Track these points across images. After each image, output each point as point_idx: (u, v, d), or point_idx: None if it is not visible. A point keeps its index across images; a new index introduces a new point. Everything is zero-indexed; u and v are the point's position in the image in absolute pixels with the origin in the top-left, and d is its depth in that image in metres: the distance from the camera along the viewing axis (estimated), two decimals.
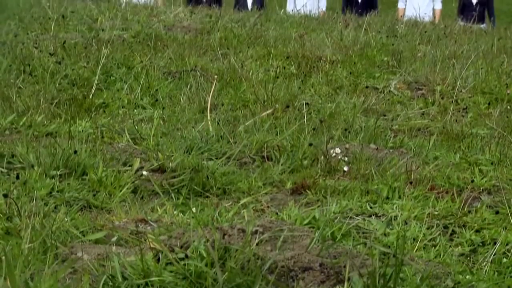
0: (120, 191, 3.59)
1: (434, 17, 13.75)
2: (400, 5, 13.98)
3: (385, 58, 6.85)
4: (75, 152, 3.81)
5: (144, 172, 3.81)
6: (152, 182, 3.70)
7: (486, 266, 2.96)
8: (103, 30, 7.02)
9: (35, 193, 3.42)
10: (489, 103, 5.77)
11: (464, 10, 13.76)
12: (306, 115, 4.84)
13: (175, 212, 3.36)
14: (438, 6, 13.78)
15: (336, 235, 3.12)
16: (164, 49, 6.57)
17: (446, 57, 6.93)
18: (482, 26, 13.44)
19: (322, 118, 4.98)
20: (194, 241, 2.64)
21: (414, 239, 3.20)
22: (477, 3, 13.62)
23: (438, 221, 3.43)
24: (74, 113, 4.86)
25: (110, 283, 2.48)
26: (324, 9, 13.96)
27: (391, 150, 4.51)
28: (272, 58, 6.58)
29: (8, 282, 2.33)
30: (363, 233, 3.29)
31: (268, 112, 4.93)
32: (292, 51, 6.79)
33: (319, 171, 4.05)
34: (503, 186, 3.94)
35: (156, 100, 5.31)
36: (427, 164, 4.28)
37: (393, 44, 7.43)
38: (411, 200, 3.67)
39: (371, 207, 3.59)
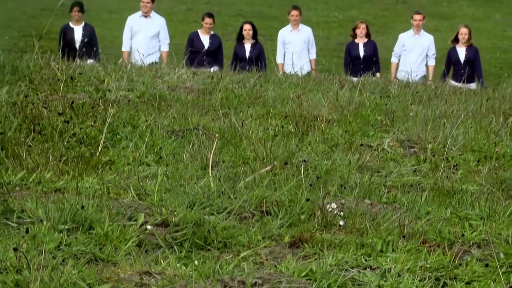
0: (126, 244, 3.60)
1: (428, 73, 13.74)
2: (393, 59, 13.96)
3: (379, 118, 6.86)
4: (83, 207, 3.83)
5: (149, 227, 3.82)
6: (156, 236, 3.71)
7: None
8: (109, 90, 7.02)
9: (44, 246, 3.43)
10: (478, 161, 5.79)
11: (452, 69, 13.63)
12: (304, 171, 4.85)
13: (178, 265, 3.37)
14: (432, 62, 13.78)
15: (333, 287, 3.13)
16: (168, 109, 6.58)
17: (437, 117, 6.95)
18: (471, 86, 13.26)
19: (318, 175, 4.98)
20: None
21: None
22: (465, 62, 13.46)
23: (430, 274, 3.44)
24: (82, 170, 4.85)
25: None
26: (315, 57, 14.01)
27: (384, 205, 4.52)
28: (271, 118, 6.59)
29: None
30: (358, 285, 3.30)
31: (267, 168, 4.94)
32: (290, 110, 6.80)
33: (316, 225, 4.06)
34: (492, 240, 3.96)
35: (160, 158, 5.31)
36: (419, 218, 4.30)
37: (386, 104, 7.45)
38: (404, 253, 3.68)
39: (366, 260, 3.60)
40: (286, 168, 5.10)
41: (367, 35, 13.74)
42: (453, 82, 13.25)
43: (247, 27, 13.56)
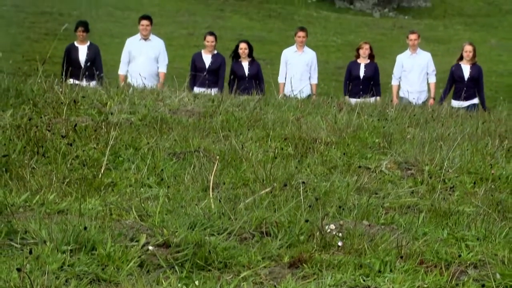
0: (127, 265, 3.60)
1: (430, 90, 13.50)
2: (394, 82, 13.70)
3: (377, 140, 6.87)
4: (85, 228, 3.84)
5: (150, 247, 3.83)
6: (157, 257, 3.72)
7: None
8: (112, 113, 7.03)
9: (47, 267, 3.44)
10: (474, 183, 5.79)
11: (454, 87, 13.28)
12: (303, 193, 4.86)
13: (179, 285, 3.38)
14: (432, 80, 13.55)
15: None
16: (169, 132, 6.59)
17: (434, 139, 6.96)
18: (473, 101, 13.06)
19: (317, 196, 4.99)
20: None
21: None
22: (468, 79, 13.15)
23: None
24: (84, 192, 4.86)
25: None
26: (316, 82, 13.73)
27: (382, 226, 4.53)
28: (270, 140, 6.59)
29: None
30: None
31: (266, 190, 4.94)
32: (290, 133, 6.81)
33: (315, 246, 4.06)
34: (489, 260, 3.97)
35: (162, 180, 5.32)
36: (417, 239, 4.30)
37: (384, 127, 7.45)
38: (401, 273, 3.69)
39: (364, 280, 3.61)
40: (285, 189, 5.10)
41: (370, 56, 13.49)
42: (454, 102, 13.09)
43: (243, 45, 13.40)
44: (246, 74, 13.29)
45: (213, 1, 32.79)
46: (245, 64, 13.33)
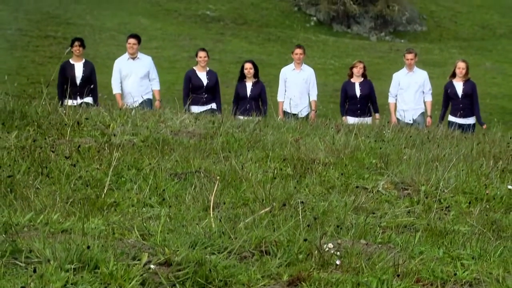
0: (130, 283, 3.60)
1: (426, 109, 13.28)
2: (391, 100, 13.49)
3: (374, 161, 6.88)
4: (88, 247, 3.84)
5: (152, 266, 3.83)
6: (159, 275, 3.72)
7: None
8: (114, 135, 7.04)
9: (51, 285, 3.44)
10: (469, 202, 5.80)
11: (451, 104, 13.09)
12: (301, 212, 4.87)
13: None
14: (429, 98, 13.31)
15: None
16: (171, 153, 6.59)
17: (430, 160, 6.97)
18: (470, 122, 12.90)
19: (316, 216, 4.99)
20: None
21: None
22: (463, 96, 12.97)
23: None
24: (88, 212, 4.86)
25: None
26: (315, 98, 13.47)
27: (379, 245, 4.53)
28: (270, 161, 6.60)
29: None
30: None
31: (266, 210, 4.95)
32: (289, 154, 6.81)
33: (314, 265, 4.06)
34: (483, 279, 3.97)
35: (163, 199, 5.32)
36: (413, 258, 4.30)
37: (380, 148, 7.46)
38: None
39: None
40: (284, 209, 5.11)
41: (363, 75, 13.34)
42: (452, 117, 12.99)
43: (248, 65, 13.22)
44: (248, 94, 13.11)
45: (213, 25, 32.97)
46: (249, 85, 13.15)
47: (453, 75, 13.06)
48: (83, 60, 13.04)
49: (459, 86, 12.96)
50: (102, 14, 32.70)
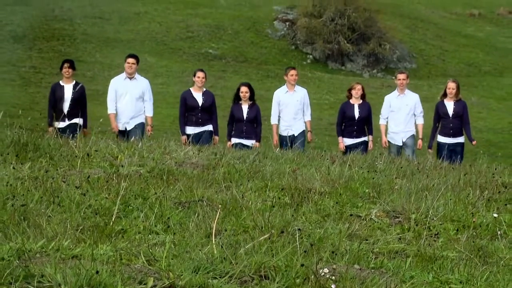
0: None
1: (417, 132, 12.80)
2: (381, 122, 12.91)
3: (367, 190, 6.88)
4: (97, 272, 3.83)
5: None
6: None
7: None
8: (122, 166, 7.06)
9: None
10: (457, 230, 5.79)
11: (440, 124, 12.62)
12: (298, 239, 4.86)
13: None
14: (420, 121, 12.78)
15: None
16: (175, 183, 6.60)
17: (420, 190, 6.96)
18: (460, 140, 12.54)
19: (312, 242, 4.99)
20: None
21: None
22: (453, 116, 12.54)
23: None
24: (97, 238, 4.85)
25: None
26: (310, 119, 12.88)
27: (372, 270, 4.52)
28: (269, 190, 6.61)
29: None
30: None
31: (265, 237, 4.94)
32: (286, 184, 6.82)
33: None
34: None
35: (168, 227, 5.32)
36: (404, 282, 4.30)
37: (373, 178, 7.47)
38: None
39: None
40: (282, 236, 5.11)
41: (362, 96, 12.83)
42: (441, 137, 12.56)
43: (243, 89, 12.69)
44: (244, 117, 12.56)
45: (215, 62, 33.14)
46: (245, 107, 12.62)
47: (445, 94, 12.67)
48: (74, 82, 12.59)
49: (450, 105, 12.57)
50: (111, 52, 32.87)
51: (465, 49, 39.62)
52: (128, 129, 12.42)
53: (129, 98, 12.37)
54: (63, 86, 12.51)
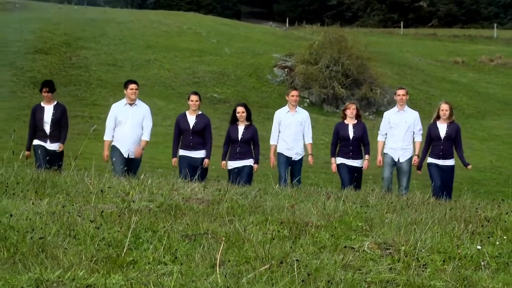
0: None
1: (415, 149, 11.96)
2: (380, 138, 12.11)
3: (360, 224, 6.86)
4: None
5: None
6: None
7: None
8: (133, 201, 7.06)
9: None
10: (444, 261, 5.77)
11: (431, 146, 11.69)
12: (296, 269, 4.85)
13: None
14: (418, 139, 11.94)
15: None
16: (183, 217, 6.60)
17: (409, 223, 6.96)
18: (450, 163, 11.73)
19: (309, 272, 4.97)
20: None
21: None
22: (445, 138, 11.63)
23: None
24: (110, 269, 4.85)
25: None
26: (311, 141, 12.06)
27: None
28: (269, 224, 6.60)
29: None
30: None
31: (265, 267, 4.94)
32: (285, 218, 6.82)
33: None
34: None
35: (176, 258, 5.32)
36: None
37: (366, 213, 7.46)
38: None
39: None
40: (281, 266, 5.10)
41: (357, 116, 11.96)
42: (431, 159, 11.76)
43: (240, 109, 11.78)
44: (239, 138, 11.65)
45: (219, 106, 33.28)
46: (241, 128, 11.74)
47: (438, 117, 11.79)
48: (54, 103, 12.05)
49: (442, 128, 11.70)
50: (123, 96, 33.00)
51: (450, 93, 39.78)
52: (131, 156, 11.74)
53: (129, 125, 11.63)
54: (44, 107, 12.00)
